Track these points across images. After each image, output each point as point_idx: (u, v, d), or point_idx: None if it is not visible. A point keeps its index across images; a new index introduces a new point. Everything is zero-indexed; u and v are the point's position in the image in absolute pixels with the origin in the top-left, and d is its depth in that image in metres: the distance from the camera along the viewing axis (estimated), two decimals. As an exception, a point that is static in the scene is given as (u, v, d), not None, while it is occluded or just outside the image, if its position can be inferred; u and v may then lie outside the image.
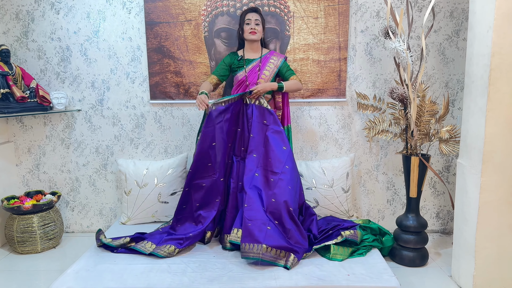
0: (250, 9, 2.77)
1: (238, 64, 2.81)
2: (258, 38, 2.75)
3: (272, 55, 2.82)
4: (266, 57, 2.81)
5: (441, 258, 2.82)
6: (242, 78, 2.78)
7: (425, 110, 2.66)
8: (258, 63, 2.79)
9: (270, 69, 2.78)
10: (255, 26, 2.71)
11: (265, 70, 2.77)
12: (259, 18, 2.74)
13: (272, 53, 2.84)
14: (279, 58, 2.82)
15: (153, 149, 3.19)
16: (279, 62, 2.80)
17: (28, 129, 3.17)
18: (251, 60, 2.80)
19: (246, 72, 2.77)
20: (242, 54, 2.82)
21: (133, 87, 3.11)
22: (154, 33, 3.00)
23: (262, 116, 2.68)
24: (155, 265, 2.33)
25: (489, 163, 2.17)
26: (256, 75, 2.77)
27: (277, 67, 2.79)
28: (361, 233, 2.57)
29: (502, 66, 2.07)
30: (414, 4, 2.96)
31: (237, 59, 2.81)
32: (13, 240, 2.87)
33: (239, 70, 2.80)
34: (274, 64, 2.80)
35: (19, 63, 3.07)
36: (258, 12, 2.76)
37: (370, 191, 3.22)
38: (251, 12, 2.74)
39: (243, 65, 2.79)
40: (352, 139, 3.15)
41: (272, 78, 2.79)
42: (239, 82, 2.80)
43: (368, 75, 3.07)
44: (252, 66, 2.78)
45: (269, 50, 2.88)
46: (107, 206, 3.28)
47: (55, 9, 3.01)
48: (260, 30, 2.74)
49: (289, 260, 2.31)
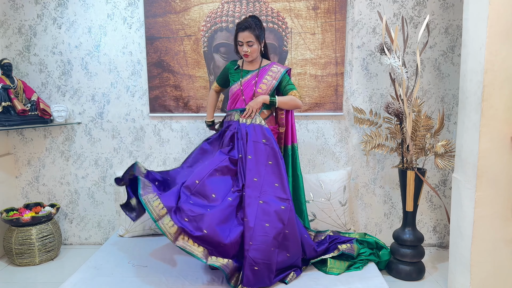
0: (242, 27, 2.48)
1: (234, 73, 2.64)
2: (252, 58, 2.56)
3: (272, 66, 2.60)
4: (264, 68, 2.59)
5: (438, 272, 2.83)
6: (237, 90, 2.58)
7: (421, 125, 2.70)
8: (255, 76, 2.58)
9: (268, 82, 2.55)
10: (247, 49, 2.49)
11: (261, 83, 2.55)
12: (252, 37, 2.47)
13: (273, 64, 2.62)
14: (280, 69, 2.58)
15: (151, 162, 3.22)
16: (279, 74, 2.56)
17: (28, 141, 3.20)
18: (248, 71, 2.60)
19: (241, 85, 2.57)
20: (240, 64, 2.66)
21: (133, 101, 3.15)
22: (154, 47, 3.05)
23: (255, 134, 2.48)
24: (153, 279, 2.33)
25: (484, 178, 2.19)
26: (252, 89, 2.56)
27: (276, 79, 2.55)
28: (357, 247, 2.59)
29: (495, 83, 2.11)
30: (409, 21, 3.02)
31: (234, 68, 2.65)
32: (11, 252, 2.88)
33: (234, 82, 2.61)
34: (272, 77, 2.56)
35: (20, 76, 3.12)
36: (251, 29, 2.47)
37: (367, 204, 3.24)
38: (242, 32, 2.48)
39: (239, 75, 2.62)
40: (349, 152, 3.18)
41: (270, 93, 2.56)
42: (234, 95, 2.61)
43: (365, 89, 3.11)
44: (248, 78, 2.58)
45: (271, 61, 2.68)
46: (105, 218, 3.29)
47: (57, 24, 3.07)
48: (255, 49, 2.51)
49: (288, 276, 2.32)
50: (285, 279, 2.30)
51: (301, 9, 3.00)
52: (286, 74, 2.61)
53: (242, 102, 2.59)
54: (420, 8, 3.01)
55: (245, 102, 2.57)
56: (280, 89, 2.61)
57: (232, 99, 2.64)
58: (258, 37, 2.51)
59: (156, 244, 2.87)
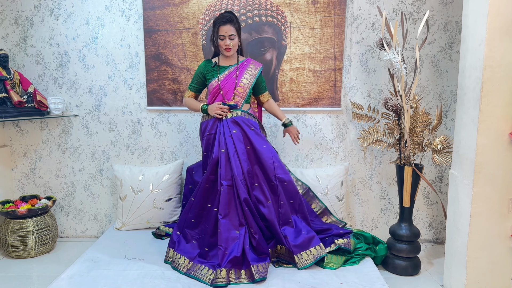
0: (223, 19, 2.51)
1: (212, 70, 2.65)
2: (233, 52, 2.61)
3: (249, 63, 2.69)
4: (243, 64, 2.67)
5: (434, 267, 2.84)
6: (216, 86, 2.62)
7: (419, 121, 2.70)
8: (235, 70, 2.63)
9: (249, 78, 2.64)
10: (229, 42, 2.53)
11: (243, 78, 2.63)
12: (234, 31, 2.52)
13: (249, 61, 2.70)
14: (257, 67, 2.69)
15: (149, 155, 3.21)
16: (257, 71, 2.68)
17: (25, 133, 3.18)
18: (226, 67, 2.64)
19: (219, 80, 2.61)
20: (216, 61, 2.67)
21: (130, 94, 3.13)
22: (152, 40, 3.03)
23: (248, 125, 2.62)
24: (149, 271, 2.34)
25: (481, 174, 2.20)
26: (233, 83, 2.61)
27: (254, 76, 2.66)
28: (354, 241, 2.60)
29: (493, 79, 2.11)
30: (408, 17, 3.01)
31: (211, 66, 2.66)
32: (7, 245, 2.86)
33: (212, 78, 2.64)
34: (252, 73, 2.66)
35: (17, 68, 3.09)
36: (233, 22, 2.52)
37: (364, 200, 3.25)
38: (224, 25, 2.50)
39: (217, 72, 2.64)
40: (346, 148, 3.19)
41: (250, 88, 2.65)
42: (213, 90, 2.64)
43: (363, 85, 3.11)
44: (227, 73, 2.62)
45: (245, 58, 2.74)
46: (102, 211, 3.28)
47: (54, 15, 3.04)
48: (236, 43, 2.57)
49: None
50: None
51: (301, 3, 2.99)
52: (261, 72, 2.71)
53: (220, 97, 2.63)
54: (420, 4, 3.00)
55: (223, 97, 2.62)
56: (256, 86, 2.72)
57: (212, 94, 2.66)
58: (238, 30, 2.57)
59: (152, 237, 2.88)
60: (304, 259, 2.42)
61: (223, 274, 2.24)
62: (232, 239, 2.37)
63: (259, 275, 2.24)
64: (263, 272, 2.27)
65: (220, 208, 2.43)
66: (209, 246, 2.43)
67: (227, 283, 2.22)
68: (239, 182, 2.47)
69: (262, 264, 2.32)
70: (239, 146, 2.54)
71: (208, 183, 2.53)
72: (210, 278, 2.23)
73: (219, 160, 2.52)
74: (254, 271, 2.25)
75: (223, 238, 2.36)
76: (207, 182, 2.53)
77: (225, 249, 2.33)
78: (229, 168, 2.51)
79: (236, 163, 2.51)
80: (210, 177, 2.54)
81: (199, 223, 2.55)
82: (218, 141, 2.56)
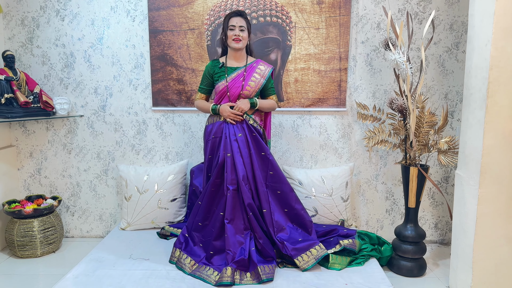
0: (234, 12, 2.53)
1: (220, 71, 2.60)
2: (243, 46, 2.55)
3: (259, 64, 2.62)
4: (251, 66, 2.61)
5: (439, 268, 2.83)
6: (223, 88, 2.58)
7: (424, 121, 2.69)
8: (242, 72, 2.58)
9: (256, 80, 2.59)
10: (239, 33, 2.50)
11: (251, 81, 2.57)
12: (245, 23, 2.51)
13: (259, 61, 2.64)
14: (267, 68, 2.63)
15: (154, 156, 3.21)
16: (267, 72, 2.62)
17: (31, 133, 3.19)
18: (234, 68, 2.60)
19: (227, 82, 2.56)
20: (224, 61, 2.62)
21: (135, 94, 3.14)
22: (158, 41, 3.04)
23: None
24: (154, 271, 2.34)
25: (487, 174, 2.19)
26: (240, 86, 2.56)
27: (264, 78, 2.60)
28: (359, 242, 2.59)
29: (500, 79, 2.10)
30: (414, 17, 3.00)
31: (218, 66, 2.61)
32: (13, 244, 2.88)
33: (220, 79, 2.59)
34: (260, 75, 2.60)
35: (23, 68, 3.11)
36: (244, 17, 2.53)
37: (369, 200, 3.24)
38: (235, 17, 2.51)
39: (225, 73, 2.59)
40: (351, 148, 3.18)
41: (258, 91, 2.61)
42: (220, 92, 2.60)
43: (368, 85, 3.10)
44: (235, 75, 2.58)
45: (255, 58, 2.70)
46: (107, 211, 3.29)
47: (60, 16, 3.05)
48: (245, 37, 2.53)
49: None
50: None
51: (306, 3, 2.98)
52: (271, 74, 2.66)
53: (227, 99, 2.61)
54: (425, 4, 2.99)
55: (229, 99, 2.59)
56: (264, 88, 2.66)
57: (219, 96, 2.64)
58: (249, 27, 2.57)
59: (157, 237, 2.88)
60: (305, 261, 2.40)
61: (229, 272, 2.24)
62: (239, 243, 2.38)
63: (266, 276, 2.24)
64: (269, 273, 2.27)
65: (227, 213, 2.43)
66: (214, 250, 2.44)
67: (232, 283, 2.22)
68: (244, 187, 2.47)
69: (268, 265, 2.32)
70: (244, 150, 2.54)
71: (214, 187, 2.54)
72: (215, 280, 2.23)
73: (225, 163, 2.52)
74: (261, 271, 2.25)
75: (231, 242, 2.37)
76: (213, 186, 2.54)
77: (234, 254, 2.33)
78: (235, 172, 2.51)
79: (241, 167, 2.51)
80: (216, 181, 2.53)
81: (205, 226, 2.56)
82: (224, 144, 2.55)
